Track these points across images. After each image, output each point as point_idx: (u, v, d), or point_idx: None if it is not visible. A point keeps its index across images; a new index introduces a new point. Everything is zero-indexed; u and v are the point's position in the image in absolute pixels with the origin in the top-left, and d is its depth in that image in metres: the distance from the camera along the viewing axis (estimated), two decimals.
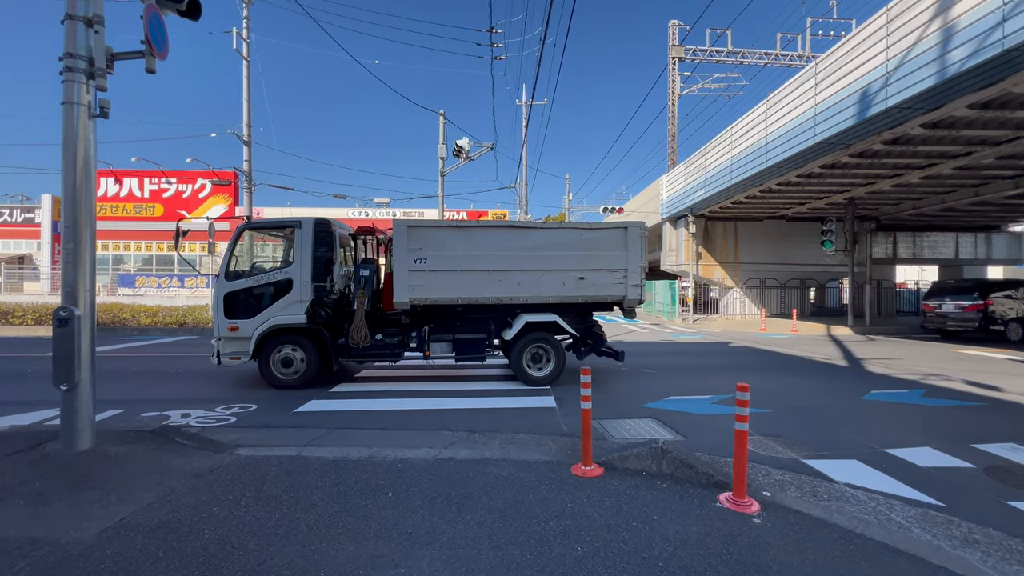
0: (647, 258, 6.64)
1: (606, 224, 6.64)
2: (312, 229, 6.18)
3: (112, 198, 25.92)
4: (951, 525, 2.65)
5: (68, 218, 3.36)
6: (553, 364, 6.48)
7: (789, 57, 20.40)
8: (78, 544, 2.29)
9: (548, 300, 6.39)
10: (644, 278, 6.52)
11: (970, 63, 6.27)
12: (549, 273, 6.33)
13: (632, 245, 6.41)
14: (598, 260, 6.38)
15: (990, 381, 6.92)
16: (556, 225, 6.82)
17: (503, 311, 6.54)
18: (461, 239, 6.24)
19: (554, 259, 6.34)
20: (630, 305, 6.54)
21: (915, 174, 11.56)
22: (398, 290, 6.06)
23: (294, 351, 6.13)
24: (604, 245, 6.38)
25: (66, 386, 3.35)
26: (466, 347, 6.51)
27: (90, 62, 3.36)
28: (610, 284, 6.39)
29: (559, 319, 6.40)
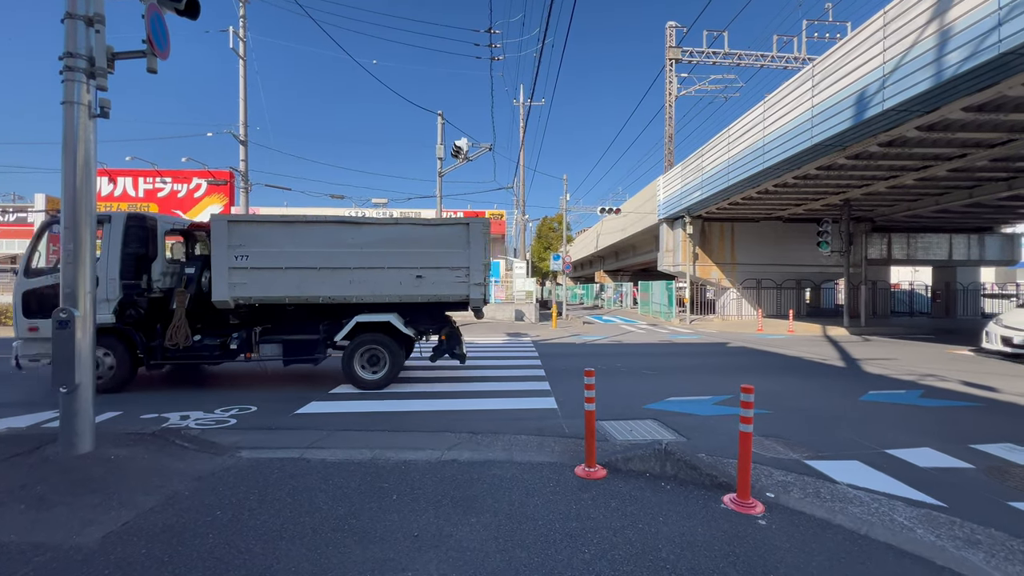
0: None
1: (446, 220, 6.41)
2: (122, 224, 5.87)
3: (106, 198, 25.68)
4: (953, 526, 2.67)
5: (68, 219, 3.33)
6: (388, 366, 6.24)
7: (785, 59, 20.53)
8: (81, 549, 2.27)
9: (386, 299, 6.16)
10: (488, 276, 6.30)
11: (966, 66, 6.32)
12: (384, 271, 6.09)
13: (475, 243, 6.16)
14: (438, 258, 6.15)
15: (986, 382, 6.98)
16: (392, 220, 6.55)
17: (341, 311, 6.29)
18: (287, 235, 5.96)
19: (390, 256, 6.10)
20: (475, 305, 6.34)
21: (910, 176, 11.66)
22: (217, 288, 5.83)
23: (105, 355, 5.76)
24: (444, 242, 6.16)
25: (66, 388, 3.31)
26: (296, 349, 6.28)
27: (91, 61, 3.33)
28: (452, 283, 6.18)
29: (393, 319, 6.16)
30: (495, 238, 25.21)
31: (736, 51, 20.63)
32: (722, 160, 13.79)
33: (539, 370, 7.63)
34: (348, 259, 6.05)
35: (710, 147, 14.68)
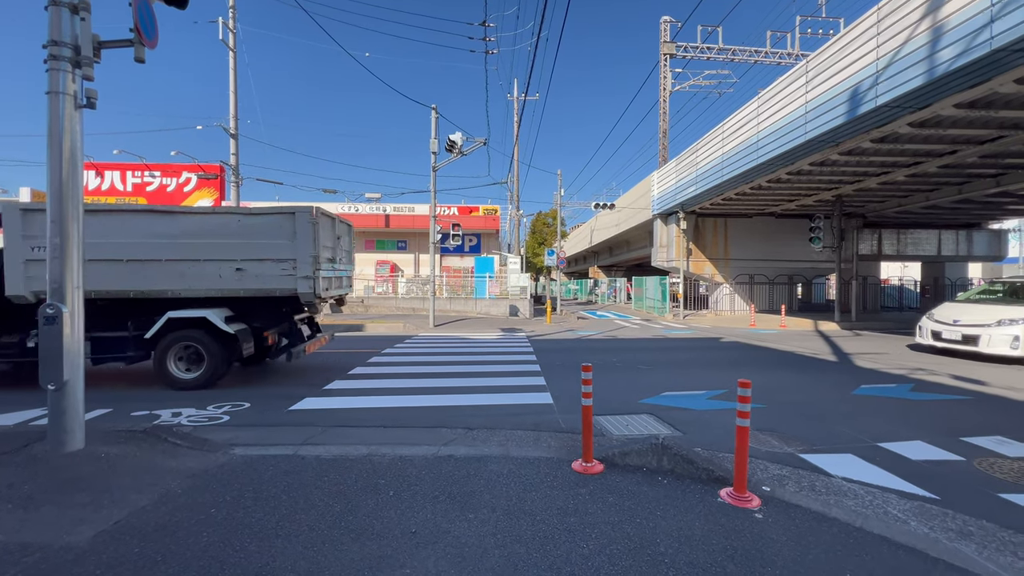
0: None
1: (269, 209, 6.05)
2: None
3: (94, 192, 25.22)
4: (946, 518, 2.70)
5: (54, 212, 3.25)
6: (206, 366, 5.87)
7: (779, 55, 20.58)
8: (72, 549, 2.23)
9: (203, 294, 5.84)
10: (318, 269, 5.92)
11: (958, 63, 6.36)
12: (200, 263, 5.77)
13: (301, 233, 5.81)
14: (261, 249, 5.79)
15: (975, 375, 7.09)
16: (209, 210, 6.28)
17: (163, 306, 5.91)
18: (91, 226, 5.51)
19: (207, 248, 5.77)
20: (306, 300, 5.99)
21: (901, 172, 11.76)
22: (11, 282, 5.51)
23: None
24: (267, 233, 5.80)
25: (53, 386, 3.25)
26: (105, 347, 5.87)
27: (76, 50, 3.24)
28: (277, 276, 5.84)
29: (211, 315, 5.81)
30: (489, 233, 25.09)
31: (730, 46, 20.64)
32: (716, 155, 13.82)
33: (534, 365, 7.63)
34: (160, 251, 5.72)
35: (704, 143, 14.71)
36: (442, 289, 19.98)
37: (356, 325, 13.47)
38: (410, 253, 24.49)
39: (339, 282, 7.01)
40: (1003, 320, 8.25)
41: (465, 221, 22.06)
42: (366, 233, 24.22)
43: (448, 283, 20.92)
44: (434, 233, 14.37)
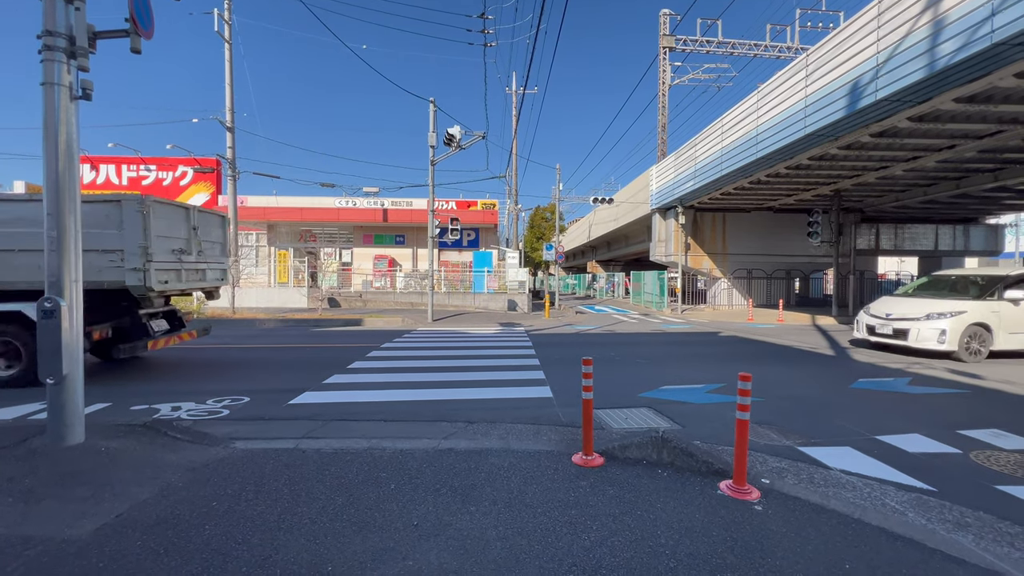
0: None
1: (93, 197, 5.64)
2: None
3: (89, 185, 25.03)
4: (943, 509, 2.73)
5: (51, 205, 3.22)
6: (24, 363, 5.53)
7: (778, 48, 20.51)
8: (74, 542, 2.23)
9: (27, 286, 5.46)
10: (150, 261, 5.56)
11: (959, 56, 6.35)
12: (16, 254, 5.43)
13: (130, 223, 5.45)
14: (85, 239, 5.42)
15: (971, 369, 7.14)
16: (25, 197, 5.86)
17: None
18: None
19: (24, 238, 5.39)
20: (137, 293, 5.64)
21: (900, 167, 11.77)
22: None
23: None
24: (92, 222, 5.38)
25: (52, 380, 3.24)
26: None
27: (71, 40, 3.20)
28: (104, 267, 5.48)
29: (27, 309, 5.44)
30: (487, 227, 25.03)
31: (730, 40, 20.55)
32: (715, 150, 13.79)
33: (533, 359, 7.64)
34: None
35: (703, 137, 14.67)
36: (440, 284, 19.96)
37: (355, 320, 13.45)
38: (408, 247, 24.43)
39: (197, 275, 6.60)
40: (931, 314, 8.06)
41: (463, 215, 21.99)
42: (364, 227, 24.14)
43: (446, 278, 20.90)
44: (432, 227, 14.33)
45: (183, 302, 13.39)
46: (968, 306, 8.01)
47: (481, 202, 24.13)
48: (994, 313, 7.95)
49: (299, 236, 24.49)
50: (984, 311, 7.94)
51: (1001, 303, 8.02)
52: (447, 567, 2.08)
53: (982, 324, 7.88)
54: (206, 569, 2.03)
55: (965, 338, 7.80)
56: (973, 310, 7.94)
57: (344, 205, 23.28)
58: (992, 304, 8.03)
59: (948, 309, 8.04)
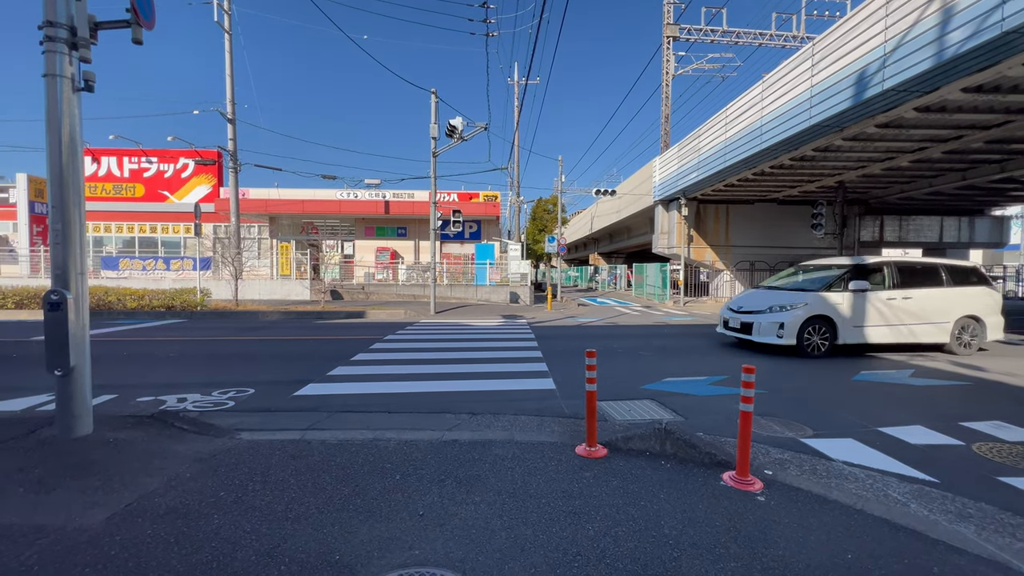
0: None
1: None
2: None
3: (91, 178, 25.02)
4: (945, 500, 2.74)
5: (55, 197, 3.23)
6: None
7: (784, 38, 20.25)
8: (85, 531, 2.26)
9: None
10: None
11: (968, 45, 6.26)
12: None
13: None
14: None
15: (974, 362, 7.13)
16: None
17: None
18: None
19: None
20: None
21: (905, 158, 11.68)
22: None
23: None
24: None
25: (60, 371, 3.26)
26: None
27: (72, 31, 3.18)
28: None
29: None
30: (489, 219, 24.96)
31: (734, 29, 20.30)
32: (719, 141, 13.69)
33: (536, 351, 7.66)
34: None
35: (707, 128, 14.56)
36: (442, 276, 19.97)
37: (357, 312, 13.49)
38: (410, 240, 24.40)
39: None
40: (773, 307, 7.62)
41: (465, 207, 21.93)
42: (366, 220, 24.10)
43: (448, 270, 20.90)
44: (434, 219, 14.31)
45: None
46: (810, 298, 7.53)
47: (483, 194, 24.05)
48: (837, 305, 7.48)
49: (301, 228, 24.47)
50: (826, 303, 7.46)
51: (845, 294, 7.50)
52: (453, 556, 2.11)
53: (823, 317, 7.39)
54: (216, 558, 2.06)
55: (805, 332, 7.33)
56: (814, 302, 7.46)
57: (346, 197, 23.23)
58: (836, 296, 7.52)
59: (789, 302, 7.58)
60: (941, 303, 7.72)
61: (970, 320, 7.77)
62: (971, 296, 7.85)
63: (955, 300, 7.77)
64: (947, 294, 7.77)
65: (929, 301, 7.69)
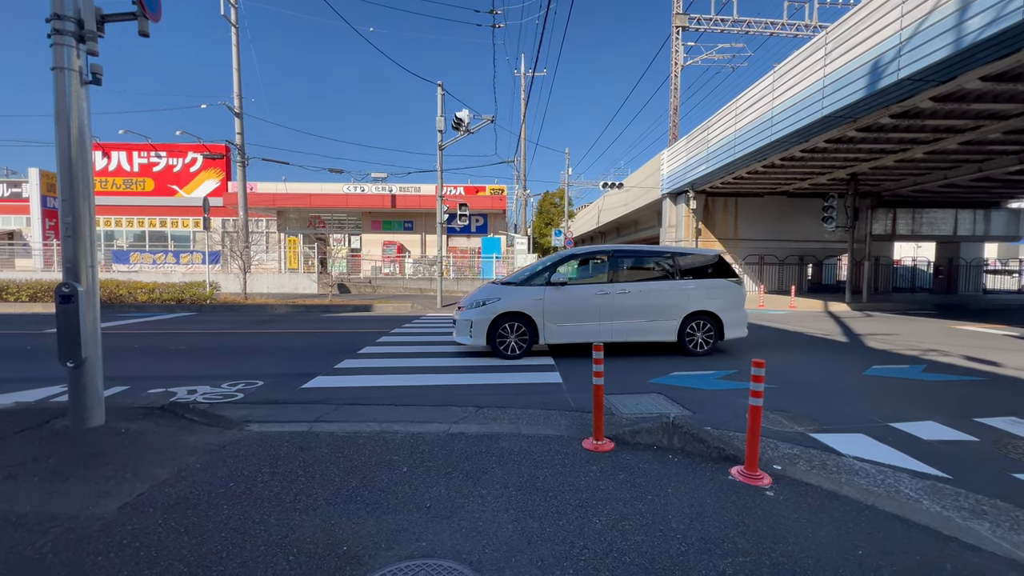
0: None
1: None
2: None
3: (101, 172, 25.29)
4: (959, 497, 2.70)
5: (65, 191, 3.25)
6: None
7: (796, 27, 19.87)
8: (97, 520, 2.29)
9: None
10: None
11: (988, 32, 6.10)
12: None
13: None
14: None
15: (989, 356, 7.01)
16: None
17: None
18: None
19: None
20: None
21: (920, 149, 11.45)
22: None
23: None
24: None
25: (72, 363, 3.30)
26: None
27: (79, 24, 3.18)
28: None
29: None
30: (495, 213, 24.90)
31: (745, 18, 19.94)
32: (728, 133, 13.50)
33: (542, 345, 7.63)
34: None
35: (716, 119, 14.36)
36: (449, 269, 19.99)
37: (364, 305, 13.55)
38: (417, 233, 24.43)
39: None
40: (475, 302, 6.71)
41: (472, 201, 21.88)
42: (372, 213, 24.16)
43: (455, 263, 20.92)
44: (441, 213, 14.29)
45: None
46: (505, 292, 6.68)
47: (489, 187, 23.97)
48: (538, 301, 6.57)
49: (308, 222, 24.59)
50: (525, 298, 6.58)
51: (547, 289, 6.63)
52: (460, 548, 2.11)
53: (521, 314, 6.53)
54: (226, 547, 2.08)
55: (498, 331, 6.50)
56: (509, 297, 6.59)
57: (352, 191, 23.28)
58: (536, 290, 6.64)
59: (487, 297, 6.69)
60: (667, 297, 6.87)
61: (703, 316, 6.94)
62: (707, 289, 7.01)
63: (686, 294, 6.92)
64: (676, 287, 6.94)
65: (653, 295, 6.85)
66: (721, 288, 7.10)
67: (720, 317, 7.00)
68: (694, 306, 6.93)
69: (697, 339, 6.95)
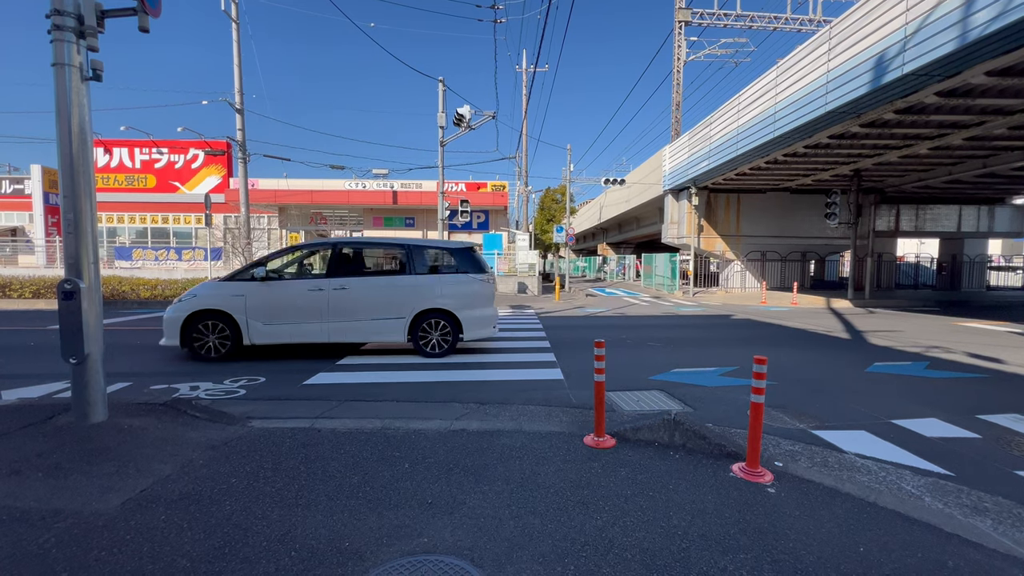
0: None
1: None
2: None
3: (103, 169, 25.32)
4: (961, 494, 2.70)
5: (67, 188, 3.25)
6: None
7: (799, 21, 19.73)
8: (101, 515, 2.30)
9: None
10: None
11: (994, 26, 6.04)
12: None
13: None
14: None
15: (991, 353, 6.99)
16: None
17: None
18: None
19: None
20: None
21: (924, 145, 11.37)
22: None
23: None
24: None
25: (75, 359, 3.31)
26: None
27: (79, 20, 3.17)
28: None
29: None
30: (497, 209, 24.84)
31: (748, 13, 19.81)
32: (731, 129, 13.44)
33: (544, 342, 7.65)
34: None
35: (719, 115, 14.29)
36: None
37: None
38: (418, 230, 24.41)
39: None
40: (182, 298, 6.15)
41: (473, 197, 21.85)
42: (374, 210, 24.15)
43: None
44: (442, 210, 14.27)
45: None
46: (203, 289, 6.20)
47: (491, 184, 23.92)
48: (238, 297, 6.02)
49: (310, 219, 24.60)
50: (224, 295, 6.04)
51: (251, 284, 6.11)
52: (461, 544, 2.12)
53: (220, 312, 5.98)
54: (228, 543, 2.09)
55: (195, 330, 5.96)
56: (207, 293, 6.09)
57: (354, 188, 23.26)
58: (239, 286, 6.12)
59: (191, 293, 6.19)
60: (394, 294, 6.31)
61: (439, 314, 6.39)
62: (442, 285, 6.39)
63: (417, 290, 6.33)
64: (404, 283, 6.36)
65: (376, 292, 6.31)
66: (460, 283, 6.44)
67: (457, 316, 6.37)
68: (426, 303, 6.30)
69: (432, 339, 6.38)
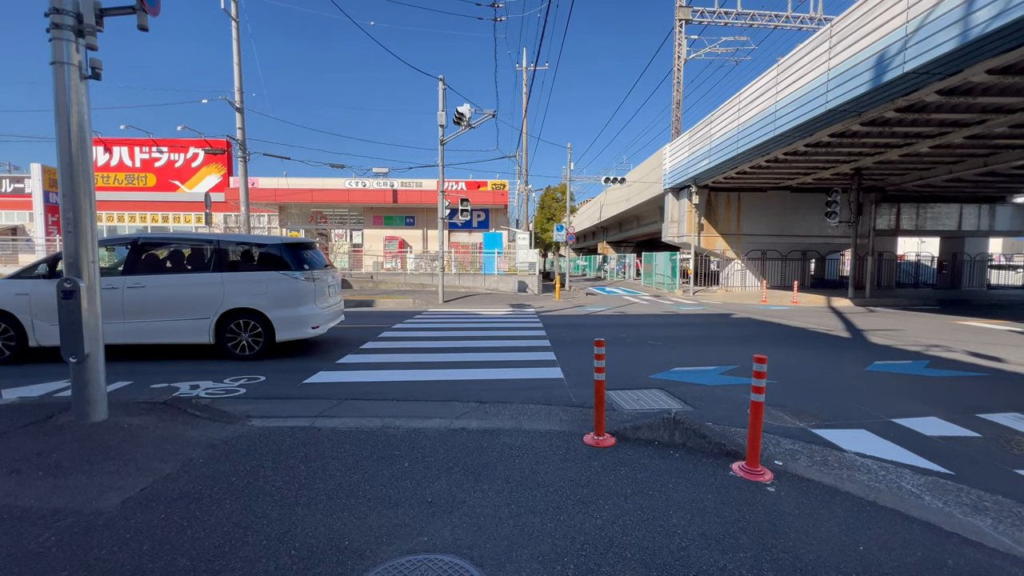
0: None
1: None
2: None
3: (103, 168, 25.31)
4: (961, 493, 2.70)
5: (66, 186, 3.24)
6: None
7: (800, 19, 19.69)
8: (101, 514, 2.30)
9: None
10: None
11: (995, 24, 6.02)
12: None
13: None
14: None
15: (992, 352, 6.99)
16: None
17: None
18: None
19: None
20: None
21: (925, 143, 11.36)
22: None
23: None
24: None
25: (75, 358, 3.31)
26: None
27: (78, 18, 3.16)
28: None
29: None
30: (497, 208, 24.82)
31: (749, 11, 19.76)
32: (732, 127, 13.42)
33: (544, 341, 7.65)
34: None
35: (719, 113, 14.27)
36: (451, 265, 19.97)
37: (366, 301, 13.57)
38: (418, 229, 24.41)
39: None
40: None
41: (473, 196, 21.83)
42: (374, 209, 24.13)
43: (456, 259, 20.90)
44: (442, 208, 14.26)
45: None
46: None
47: (491, 182, 23.89)
48: (22, 296, 5.75)
49: (310, 218, 24.59)
50: (7, 293, 5.82)
51: (38, 282, 5.84)
52: (461, 543, 2.12)
53: (4, 312, 5.76)
54: (228, 541, 2.09)
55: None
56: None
57: (354, 186, 23.23)
58: (25, 284, 5.85)
59: None
60: (195, 293, 6.05)
61: (246, 314, 6.11)
62: (250, 284, 6.14)
63: (222, 289, 6.07)
64: (207, 281, 6.08)
65: (175, 291, 6.03)
66: (270, 282, 6.15)
67: (268, 316, 6.11)
68: (232, 303, 6.05)
69: (242, 341, 6.12)
